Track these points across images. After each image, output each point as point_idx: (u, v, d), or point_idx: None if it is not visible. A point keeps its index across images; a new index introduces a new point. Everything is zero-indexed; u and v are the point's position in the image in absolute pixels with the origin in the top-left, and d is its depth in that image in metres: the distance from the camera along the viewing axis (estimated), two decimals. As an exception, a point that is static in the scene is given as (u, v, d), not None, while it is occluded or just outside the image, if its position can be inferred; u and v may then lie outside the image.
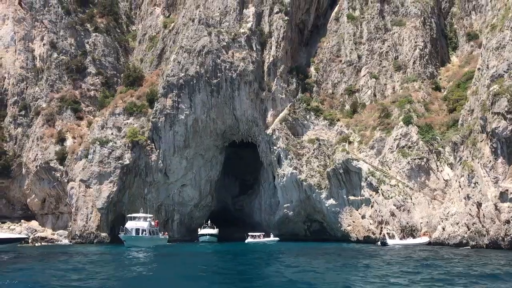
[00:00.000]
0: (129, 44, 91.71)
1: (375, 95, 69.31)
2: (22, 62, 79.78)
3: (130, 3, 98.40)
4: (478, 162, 41.02)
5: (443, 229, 45.86)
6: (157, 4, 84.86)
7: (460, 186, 44.12)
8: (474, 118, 43.86)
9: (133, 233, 57.47)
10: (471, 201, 41.65)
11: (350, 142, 62.59)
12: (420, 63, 68.46)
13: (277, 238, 69.91)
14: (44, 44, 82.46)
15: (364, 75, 71.14)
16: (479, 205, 40.68)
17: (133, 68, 77.67)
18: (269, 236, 70.59)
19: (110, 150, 66.59)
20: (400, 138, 57.40)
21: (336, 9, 77.79)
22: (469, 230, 41.84)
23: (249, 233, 71.56)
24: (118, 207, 64.12)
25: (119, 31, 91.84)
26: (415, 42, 69.68)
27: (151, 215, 61.05)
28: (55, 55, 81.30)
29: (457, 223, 43.44)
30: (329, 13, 78.95)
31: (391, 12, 74.42)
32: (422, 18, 71.97)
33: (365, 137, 61.97)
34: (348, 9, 75.89)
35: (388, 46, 71.85)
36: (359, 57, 72.48)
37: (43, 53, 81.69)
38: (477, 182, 41.05)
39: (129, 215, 59.96)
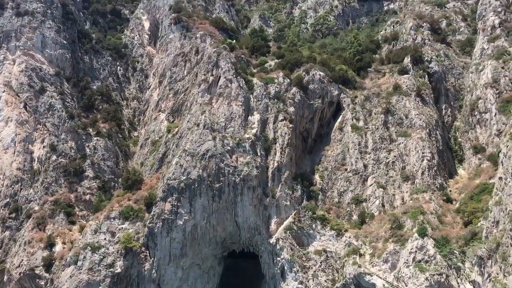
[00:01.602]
0: (129, 149, 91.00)
1: (383, 206, 66.55)
2: (19, 164, 78.00)
3: (133, 110, 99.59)
4: (512, 280, 37.19)
5: None
6: (162, 110, 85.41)
7: (491, 307, 39.71)
8: (501, 230, 40.86)
9: None
10: (507, 325, 37.05)
11: (361, 255, 58.54)
12: (428, 174, 66.76)
13: None
14: (44, 147, 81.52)
15: (371, 185, 68.98)
16: (518, 330, 36.05)
17: (133, 171, 75.69)
18: None
19: (102, 257, 62.05)
20: (416, 251, 53.60)
21: (339, 119, 77.88)
22: None
23: None
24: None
25: (120, 136, 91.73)
26: (422, 153, 68.60)
27: None
28: (54, 157, 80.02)
29: None
30: (332, 123, 78.93)
31: (396, 123, 74.39)
32: (427, 130, 71.71)
33: (377, 250, 58.05)
34: (352, 120, 75.97)
35: (395, 156, 70.68)
36: (365, 166, 70.94)
37: (42, 155, 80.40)
38: (513, 303, 36.86)
39: None
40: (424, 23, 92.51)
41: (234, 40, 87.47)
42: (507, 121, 66.98)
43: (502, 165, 42.64)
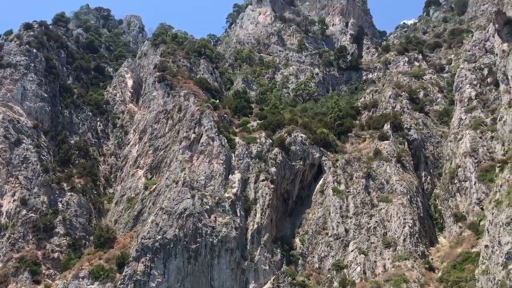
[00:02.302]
0: (103, 207, 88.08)
1: (365, 273, 64.60)
2: (-14, 217, 74.37)
3: (110, 167, 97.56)
4: None
5: None
6: (140, 167, 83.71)
7: None
8: (489, 300, 39.47)
9: None
10: None
11: (341, 324, 55.77)
12: (410, 241, 65.71)
13: None
14: (14, 200, 78.39)
15: (352, 250, 67.32)
16: None
17: (106, 228, 72.66)
18: None
19: (66, 320, 57.81)
20: (400, 321, 51.41)
21: (320, 182, 77.40)
22: None
23: None
24: None
25: (95, 192, 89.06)
26: (404, 219, 67.90)
27: None
28: (24, 211, 76.82)
29: None
30: (313, 186, 78.41)
31: (377, 188, 74.13)
32: (408, 196, 71.49)
33: (359, 319, 55.57)
34: (333, 183, 75.48)
35: (376, 221, 69.74)
36: (346, 231, 69.60)
37: (11, 209, 77.19)
38: None
39: None
40: (403, 93, 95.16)
41: (218, 100, 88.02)
42: (487, 190, 67.36)
43: (488, 232, 42.03)
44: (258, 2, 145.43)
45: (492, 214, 41.80)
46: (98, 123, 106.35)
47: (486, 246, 42.56)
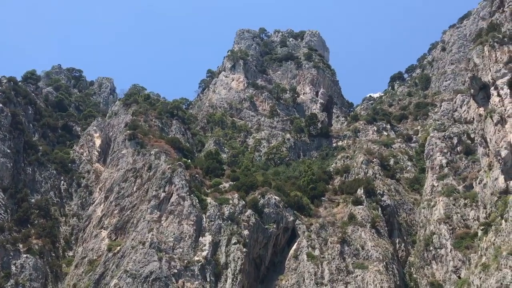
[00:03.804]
0: (61, 270, 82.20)
1: None
2: None
3: (72, 228, 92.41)
4: None
5: None
6: (105, 227, 79.33)
7: None
8: None
9: None
10: None
11: None
12: (389, 313, 62.82)
13: None
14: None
15: (327, 322, 63.74)
16: None
17: (63, 293, 67.09)
18: None
19: None
20: None
21: (294, 246, 74.74)
22: None
23: None
24: None
25: (53, 255, 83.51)
26: (381, 287, 65.28)
27: None
28: (-29, 277, 70.48)
29: None
30: (286, 251, 75.58)
31: (352, 254, 71.86)
32: (384, 263, 69.41)
33: None
34: (308, 248, 72.93)
35: (352, 289, 66.85)
36: (321, 300, 66.28)
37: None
38: None
39: None
40: (374, 159, 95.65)
41: (189, 160, 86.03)
42: (463, 258, 66.25)
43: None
44: (231, 69, 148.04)
45: (480, 278, 40.23)
46: (62, 182, 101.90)
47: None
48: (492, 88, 49.36)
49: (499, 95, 48.18)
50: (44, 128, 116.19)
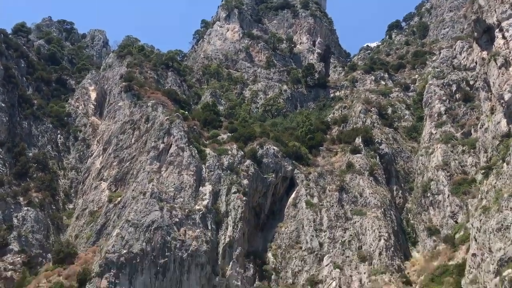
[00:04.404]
0: (62, 222, 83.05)
1: (340, 287, 62.47)
2: None
3: (71, 181, 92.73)
4: None
5: None
6: (104, 179, 79.48)
7: None
8: (480, 309, 37.99)
9: None
10: None
11: None
12: (386, 254, 64.26)
13: None
14: (-36, 214, 72.63)
15: (327, 265, 65.23)
16: None
17: (66, 243, 67.97)
18: None
19: None
20: (381, 336, 49.29)
21: (293, 195, 75.50)
22: None
23: None
24: None
25: (54, 207, 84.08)
26: (379, 232, 66.54)
27: None
28: (-27, 229, 70.99)
29: None
30: (285, 199, 76.43)
31: (350, 201, 72.79)
32: (382, 209, 70.42)
33: (337, 335, 53.10)
34: (306, 196, 73.69)
35: (350, 235, 68.10)
36: (321, 244, 67.60)
37: (-39, 224, 71.32)
38: None
39: None
40: (372, 108, 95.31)
41: (187, 112, 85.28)
42: (461, 203, 67.24)
43: (476, 241, 40.85)
44: (226, 19, 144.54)
45: (480, 221, 40.71)
46: (59, 135, 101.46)
47: (474, 254, 41.33)
48: (497, 30, 48.36)
49: (504, 37, 47.31)
50: (37, 82, 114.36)
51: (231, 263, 62.51)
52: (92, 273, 58.70)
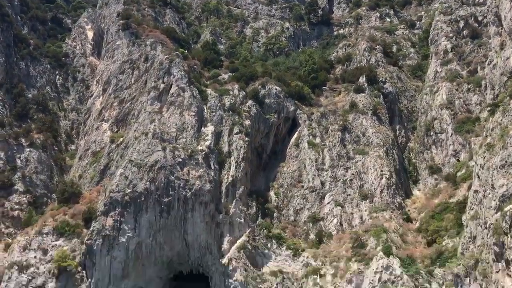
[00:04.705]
0: (66, 163, 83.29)
1: (341, 224, 63.65)
2: None
3: (72, 123, 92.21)
4: (496, 297, 34.65)
5: None
6: (105, 120, 78.88)
7: (471, 328, 36.93)
8: (480, 245, 38.53)
9: None
10: None
11: (321, 275, 54.64)
12: (387, 192, 64.83)
13: None
14: (-32, 156, 72.72)
15: (328, 203, 66.05)
16: None
17: (70, 183, 68.48)
18: None
19: (30, 278, 54.44)
20: (382, 271, 50.52)
21: (295, 135, 75.19)
22: None
23: None
24: None
25: (56, 148, 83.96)
26: (381, 171, 66.79)
27: None
28: (-22, 168, 71.31)
29: None
30: (287, 140, 76.24)
31: (353, 141, 72.57)
32: (384, 148, 70.32)
33: (339, 270, 54.47)
34: (309, 136, 73.40)
35: (352, 174, 68.47)
36: (322, 183, 68.09)
37: (-35, 166, 71.61)
38: (499, 322, 34.20)
39: None
40: (377, 46, 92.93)
41: (186, 51, 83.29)
42: (464, 142, 67.02)
43: (479, 177, 40.87)
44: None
45: (484, 158, 40.51)
46: (57, 76, 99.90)
47: (476, 191, 41.49)
48: (511, -40, 46.04)
49: (518, -32, 45.05)
50: (32, 21, 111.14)
51: (234, 201, 63.20)
52: (97, 212, 59.55)
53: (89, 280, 56.48)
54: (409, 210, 64.67)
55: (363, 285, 51.35)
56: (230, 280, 58.62)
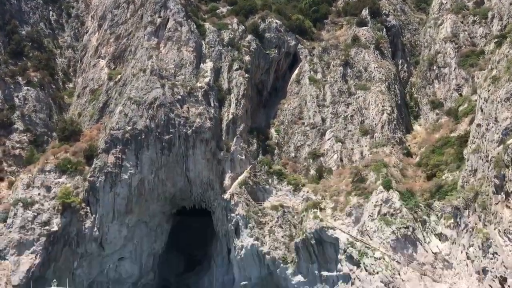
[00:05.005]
0: (64, 101, 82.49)
1: (341, 160, 63.97)
2: None
3: (68, 60, 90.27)
4: (494, 229, 35.22)
5: (452, 310, 38.78)
6: (102, 56, 77.21)
7: (468, 258, 37.89)
8: (480, 178, 38.77)
9: None
10: (490, 275, 35.23)
11: (321, 209, 55.61)
12: (388, 127, 64.59)
13: None
14: (-37, 94, 71.89)
15: (329, 139, 66.06)
16: (503, 280, 34.26)
17: (70, 121, 68.18)
18: None
19: (35, 214, 55.28)
20: (381, 204, 51.27)
21: (296, 71, 73.91)
22: (492, 311, 35.07)
23: None
24: (40, 284, 51.98)
25: (54, 86, 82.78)
26: (382, 106, 66.23)
27: None
28: (-24, 107, 70.72)
29: (471, 303, 36.62)
30: (288, 76, 75.04)
31: (354, 76, 71.46)
32: (386, 83, 69.38)
33: (339, 203, 55.34)
34: (310, 72, 72.19)
35: (353, 109, 67.96)
36: (323, 120, 67.76)
37: (-39, 104, 70.96)
38: (496, 252, 34.93)
39: None
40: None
41: (183, -17, 79.96)
42: (467, 76, 65.97)
43: (482, 111, 40.47)
44: None
45: (488, 91, 39.89)
46: (51, 12, 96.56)
47: (478, 125, 41.21)
48: None
49: None
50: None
51: (235, 138, 63.14)
52: (98, 149, 59.68)
53: (94, 216, 57.54)
54: (409, 145, 64.73)
55: (363, 218, 52.32)
56: (232, 215, 59.76)
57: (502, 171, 35.52)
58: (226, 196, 60.14)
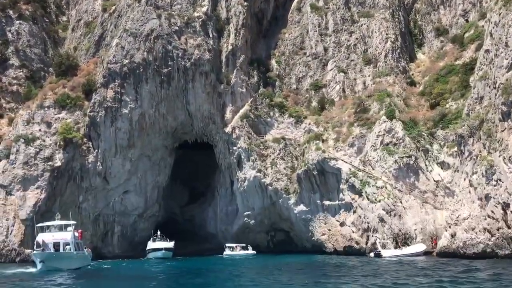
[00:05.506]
0: (59, 35, 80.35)
1: (344, 91, 63.03)
2: None
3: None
4: (499, 156, 35.07)
5: (453, 236, 39.41)
6: (95, -13, 74.19)
7: (471, 185, 38.06)
8: (486, 106, 38.12)
9: (52, 249, 43.64)
10: (493, 201, 35.48)
11: (323, 140, 55.43)
12: (392, 56, 63.13)
13: (253, 251, 60.64)
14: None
15: (331, 69, 64.74)
16: (506, 206, 34.57)
17: (66, 55, 66.58)
18: (247, 249, 60.88)
19: (38, 150, 55.20)
20: (384, 134, 51.02)
21: (297, -2, 71.14)
22: (493, 236, 35.58)
23: (227, 244, 61.28)
24: (46, 218, 52.89)
25: (47, 20, 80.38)
26: (386, 34, 64.37)
27: (74, 222, 48.21)
28: (-32, 42, 68.94)
29: (473, 229, 37.11)
30: (288, 4, 72.41)
31: (358, 3, 68.93)
32: (390, 10, 67.03)
33: (341, 134, 55.08)
34: (311, -1, 69.50)
35: (356, 38, 66.08)
36: (325, 49, 66.06)
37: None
38: (500, 179, 35.01)
39: (41, 224, 46.50)
40: None
41: None
42: (474, 0, 63.58)
43: (491, 36, 39.06)
44: None
45: (499, 14, 38.27)
46: None
47: (487, 50, 39.94)
48: None
49: None
50: None
51: (235, 71, 61.84)
52: (96, 84, 58.64)
53: (96, 150, 57.50)
54: (413, 74, 63.54)
55: (365, 148, 52.27)
56: (234, 148, 59.76)
57: (510, 98, 34.81)
58: (228, 129, 59.81)
